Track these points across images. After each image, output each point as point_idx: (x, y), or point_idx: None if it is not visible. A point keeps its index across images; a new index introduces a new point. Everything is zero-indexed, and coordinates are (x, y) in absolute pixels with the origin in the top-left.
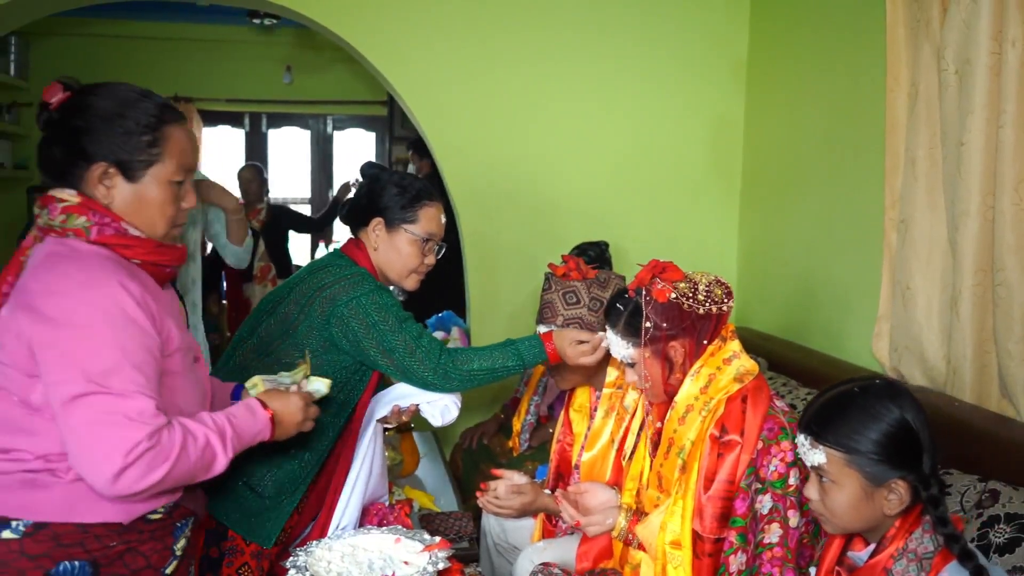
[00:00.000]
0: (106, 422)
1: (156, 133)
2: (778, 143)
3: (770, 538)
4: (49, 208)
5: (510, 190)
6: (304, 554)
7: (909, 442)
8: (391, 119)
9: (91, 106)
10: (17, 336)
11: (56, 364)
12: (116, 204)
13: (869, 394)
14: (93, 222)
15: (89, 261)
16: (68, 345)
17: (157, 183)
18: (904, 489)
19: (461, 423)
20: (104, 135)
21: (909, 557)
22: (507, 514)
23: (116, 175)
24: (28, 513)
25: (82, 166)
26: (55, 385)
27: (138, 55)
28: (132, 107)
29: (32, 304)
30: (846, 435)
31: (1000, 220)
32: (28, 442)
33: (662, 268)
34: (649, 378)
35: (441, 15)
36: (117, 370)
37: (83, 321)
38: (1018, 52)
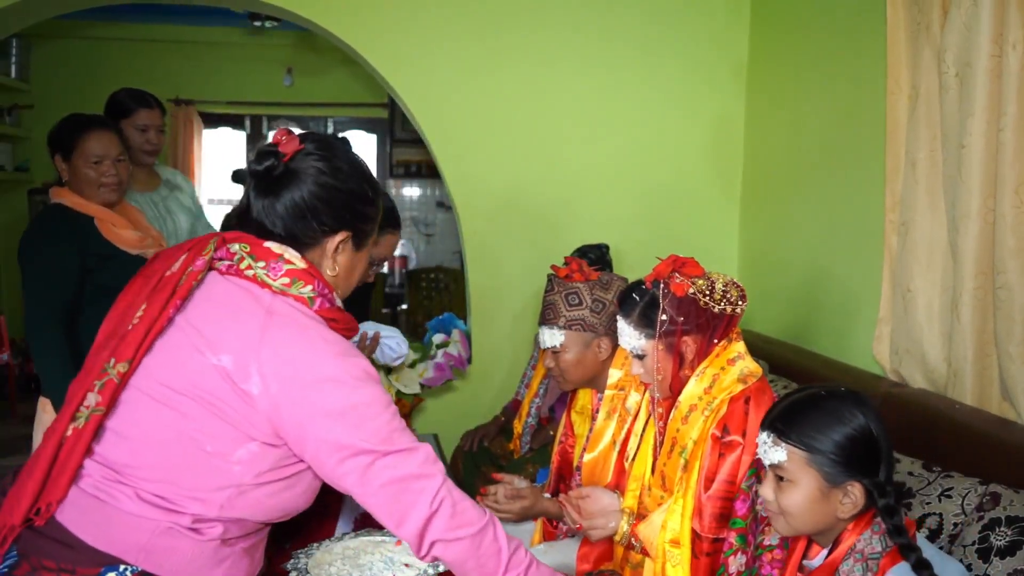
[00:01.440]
0: (405, 477)
1: (379, 201)
2: (779, 146)
3: (770, 540)
4: (270, 264)
5: (510, 192)
6: (304, 556)
7: (869, 448)
8: (392, 121)
9: (340, 169)
10: (257, 400)
11: (334, 440)
12: (338, 274)
13: (835, 398)
14: (316, 293)
15: (327, 333)
16: (350, 420)
17: (367, 254)
18: (859, 492)
19: (462, 425)
20: (355, 202)
21: (856, 557)
22: (507, 518)
23: (349, 243)
24: (144, 561)
25: (321, 231)
26: (351, 459)
27: (139, 58)
28: (366, 172)
29: (286, 377)
30: (809, 434)
31: (1001, 223)
32: (193, 497)
33: (682, 263)
34: (660, 371)
35: (442, 17)
36: (394, 430)
37: (353, 392)
38: (1019, 55)
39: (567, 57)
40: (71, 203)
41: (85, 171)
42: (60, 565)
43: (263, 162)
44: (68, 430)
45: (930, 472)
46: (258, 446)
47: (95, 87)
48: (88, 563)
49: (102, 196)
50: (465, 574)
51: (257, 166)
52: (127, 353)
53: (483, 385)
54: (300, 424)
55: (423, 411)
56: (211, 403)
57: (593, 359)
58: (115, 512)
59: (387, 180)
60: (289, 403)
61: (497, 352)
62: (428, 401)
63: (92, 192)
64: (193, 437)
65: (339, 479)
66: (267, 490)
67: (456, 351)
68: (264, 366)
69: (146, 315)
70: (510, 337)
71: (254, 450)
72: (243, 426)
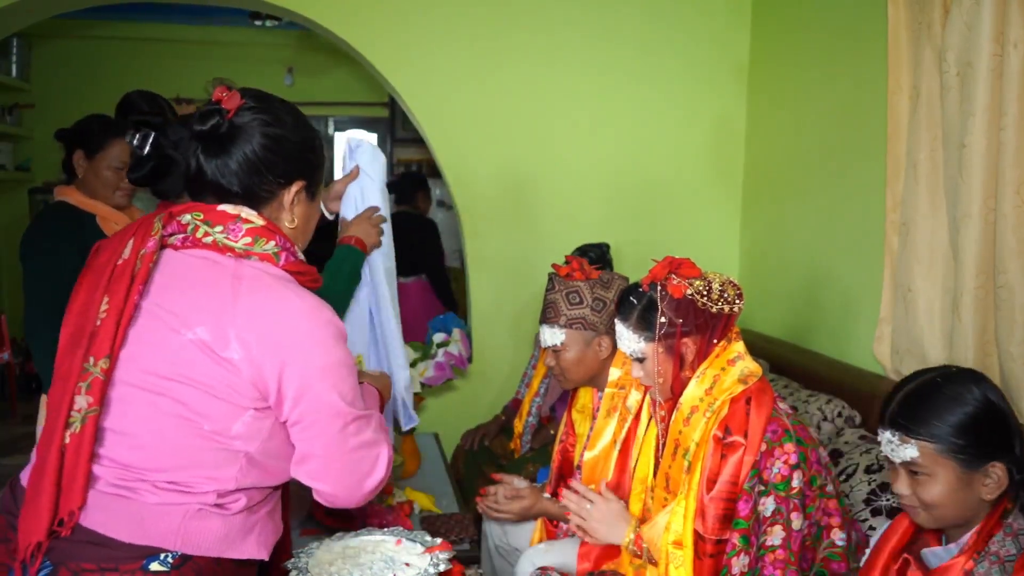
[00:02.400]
0: (366, 443)
1: (322, 148)
2: (780, 146)
3: (773, 540)
4: (227, 226)
5: (511, 191)
6: (305, 556)
7: (999, 424)
8: (392, 121)
9: (283, 119)
10: (241, 365)
11: (321, 402)
12: (296, 225)
13: (951, 381)
14: (280, 248)
15: (298, 292)
16: (325, 382)
17: (318, 205)
18: (1002, 471)
19: (462, 424)
20: (304, 151)
21: (991, 560)
22: (507, 519)
23: (303, 193)
24: (184, 546)
25: (277, 184)
26: (322, 421)
27: (140, 57)
28: (306, 121)
29: (267, 345)
30: (936, 425)
31: (1002, 223)
32: (208, 475)
33: (678, 264)
34: (661, 373)
35: (442, 17)
36: (358, 391)
37: (329, 354)
38: (1020, 54)
39: (568, 57)
40: (76, 201)
41: (106, 174)
42: (101, 565)
43: (208, 121)
44: (66, 437)
45: None
46: (252, 415)
47: (96, 86)
48: (128, 558)
49: (116, 199)
50: None
51: (202, 126)
52: (104, 349)
53: (483, 384)
54: (280, 384)
55: (424, 410)
56: (197, 381)
57: (594, 357)
58: (140, 506)
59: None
60: (270, 363)
61: (497, 351)
62: (428, 400)
63: (107, 194)
64: (189, 419)
65: (303, 441)
66: (276, 454)
67: (457, 350)
68: (241, 330)
69: (111, 307)
70: (510, 336)
71: (249, 420)
72: (233, 397)
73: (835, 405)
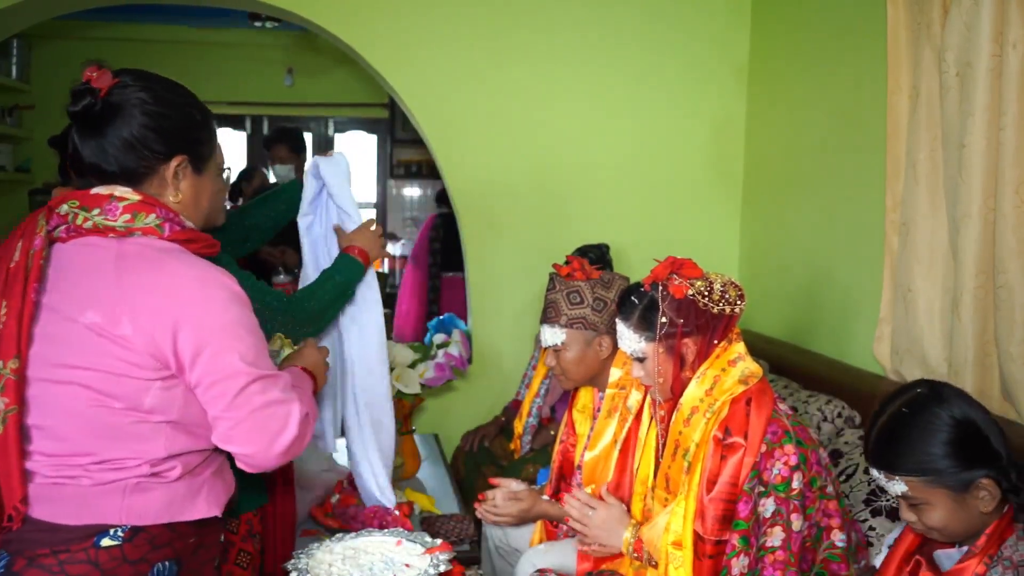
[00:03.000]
0: (273, 402)
1: (211, 123)
2: (779, 146)
3: (772, 541)
4: (105, 208)
5: (511, 192)
6: (305, 556)
7: (975, 439)
8: (392, 121)
9: (162, 96)
10: (133, 340)
11: (216, 364)
12: (182, 199)
13: (918, 409)
14: (163, 219)
15: (185, 258)
16: (221, 343)
17: (212, 179)
18: (990, 485)
19: (462, 425)
20: (184, 127)
21: (1004, 565)
22: (505, 522)
23: (188, 167)
24: (129, 518)
25: (155, 159)
26: (220, 383)
27: (140, 58)
28: (191, 97)
29: (155, 313)
30: (914, 459)
31: (1001, 222)
32: (135, 449)
33: (680, 264)
34: (661, 374)
35: (442, 18)
36: (260, 353)
37: (222, 318)
38: (1019, 54)
39: (567, 57)
40: None
41: None
42: (53, 549)
43: (80, 102)
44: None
45: None
46: (160, 386)
47: None
48: (79, 539)
49: None
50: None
51: (75, 107)
52: (10, 350)
53: (483, 385)
54: (176, 350)
55: (423, 411)
56: (99, 363)
57: (594, 357)
58: (80, 490)
59: (388, 180)
60: (161, 332)
61: (497, 352)
62: (428, 401)
63: None
64: (101, 402)
65: (209, 404)
66: (198, 420)
67: (456, 351)
68: (129, 306)
69: (10, 310)
70: (510, 337)
71: (158, 392)
72: (135, 372)
73: (835, 405)
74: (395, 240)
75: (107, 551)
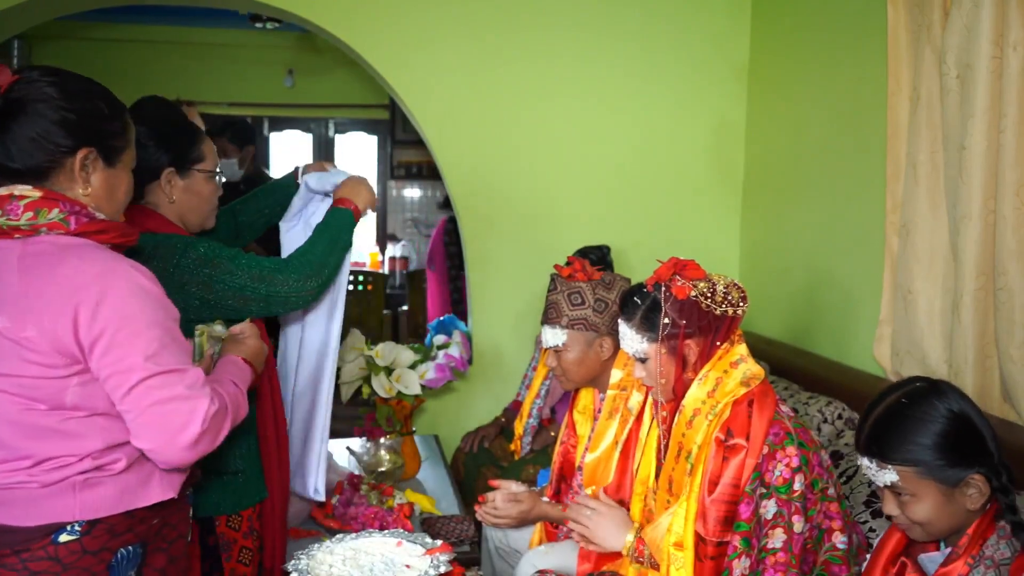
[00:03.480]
0: (174, 398)
1: (124, 115)
2: (780, 147)
3: (774, 543)
4: (6, 209)
5: (512, 193)
6: (305, 557)
7: (970, 435)
8: (393, 122)
9: (69, 90)
10: (37, 341)
11: (110, 356)
12: (92, 193)
13: (915, 400)
14: (68, 212)
15: (87, 252)
16: (116, 335)
17: (127, 171)
18: (981, 482)
19: (462, 426)
20: (90, 120)
21: (987, 564)
22: (505, 523)
23: (97, 160)
24: (84, 514)
25: (59, 153)
26: (114, 376)
27: (140, 59)
28: (100, 90)
29: (55, 308)
30: (909, 449)
31: (1002, 224)
32: (70, 446)
33: (683, 265)
34: (663, 375)
35: (442, 18)
36: (163, 348)
37: (120, 310)
38: (1019, 56)
39: (568, 58)
40: None
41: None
42: (14, 548)
43: None
44: None
45: None
46: (78, 382)
47: None
48: (36, 538)
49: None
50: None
51: None
52: None
53: (483, 386)
54: (79, 342)
55: (423, 412)
56: (16, 368)
57: (595, 359)
58: (29, 493)
59: (388, 181)
60: (62, 327)
61: (497, 353)
62: (428, 402)
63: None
64: (29, 406)
65: (114, 395)
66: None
67: (457, 352)
68: (32, 310)
69: None
70: (511, 338)
71: (78, 389)
72: (49, 372)
73: (835, 407)
74: (395, 241)
75: (66, 546)
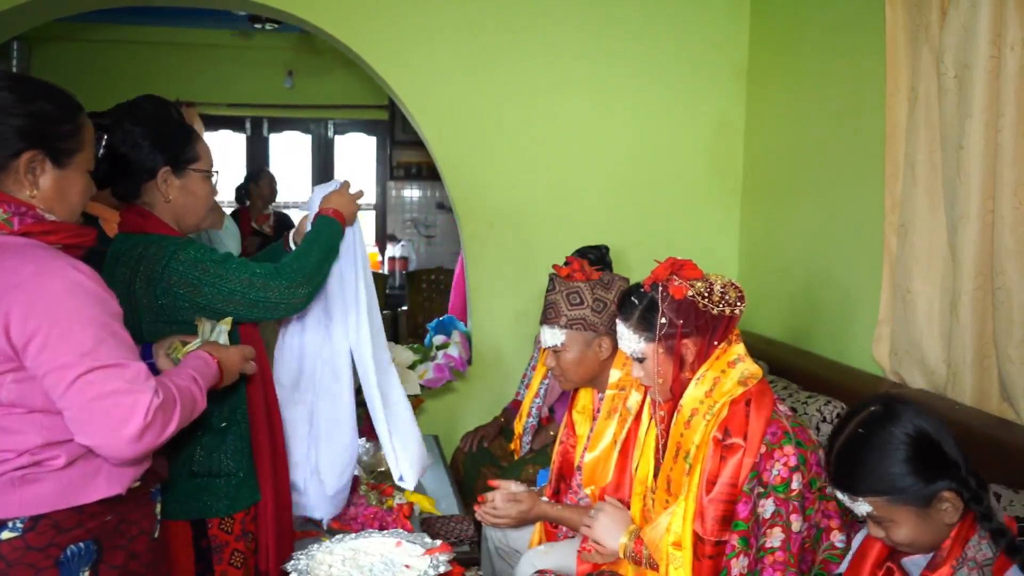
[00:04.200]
0: (113, 392)
1: (76, 117)
2: (778, 147)
3: (772, 542)
4: None
5: (511, 193)
6: (305, 557)
7: (932, 453)
8: (392, 123)
9: (18, 93)
10: None
11: (45, 355)
12: (40, 195)
13: (873, 427)
14: (12, 212)
15: (27, 251)
16: (50, 333)
17: (81, 173)
18: (952, 497)
19: (462, 426)
20: (36, 122)
21: (970, 566)
22: (505, 524)
23: (45, 162)
24: (24, 510)
25: (4, 157)
26: (51, 374)
27: (140, 60)
28: (54, 92)
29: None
30: (875, 480)
31: (1000, 224)
32: (8, 441)
33: (680, 265)
34: (661, 374)
35: (442, 19)
36: (101, 344)
37: (55, 308)
38: (1017, 56)
39: (567, 58)
40: None
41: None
42: None
43: None
44: None
45: None
46: (12, 379)
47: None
48: None
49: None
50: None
51: None
52: None
53: (483, 386)
54: (11, 339)
55: (423, 412)
56: None
57: (594, 358)
58: None
59: (387, 182)
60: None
61: (497, 353)
62: (428, 402)
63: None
64: None
65: (52, 392)
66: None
67: (456, 352)
68: None
69: None
70: (510, 338)
71: (12, 386)
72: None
73: (834, 406)
74: (395, 242)
75: (8, 543)
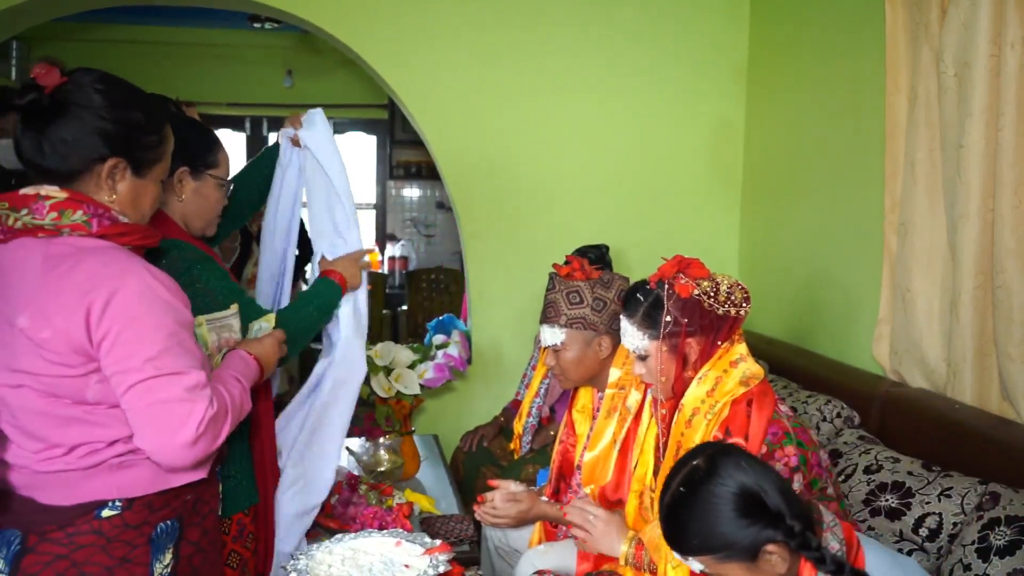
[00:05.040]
0: (170, 400)
1: (162, 128)
2: (778, 146)
3: None
4: (32, 208)
5: (511, 192)
6: (305, 557)
7: (754, 508)
8: (392, 122)
9: (112, 98)
10: (54, 342)
11: (112, 356)
12: (117, 200)
13: (693, 487)
14: (91, 215)
15: (107, 254)
16: (120, 336)
17: (155, 183)
18: (778, 548)
19: (461, 426)
20: (125, 130)
21: None
22: (504, 523)
23: (126, 170)
24: (119, 493)
25: (90, 160)
26: (115, 375)
27: (139, 59)
28: (143, 102)
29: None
30: (700, 541)
31: (1000, 223)
32: (98, 433)
33: (687, 264)
34: (664, 372)
35: (441, 19)
36: (166, 352)
37: (127, 311)
38: (1017, 54)
39: (567, 58)
40: None
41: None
42: (60, 524)
43: (25, 96)
44: None
45: (930, 472)
46: (97, 379)
47: None
48: (80, 514)
49: None
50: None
51: (20, 100)
52: None
53: (483, 386)
54: (91, 340)
55: (423, 412)
56: (36, 366)
57: (594, 357)
58: (68, 478)
59: (387, 181)
60: (75, 327)
61: (497, 353)
62: (428, 402)
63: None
64: (53, 399)
65: (118, 392)
66: None
67: (456, 352)
68: (48, 311)
69: None
70: (510, 338)
71: (97, 386)
72: (68, 371)
73: (834, 406)
74: (395, 241)
75: (108, 520)
